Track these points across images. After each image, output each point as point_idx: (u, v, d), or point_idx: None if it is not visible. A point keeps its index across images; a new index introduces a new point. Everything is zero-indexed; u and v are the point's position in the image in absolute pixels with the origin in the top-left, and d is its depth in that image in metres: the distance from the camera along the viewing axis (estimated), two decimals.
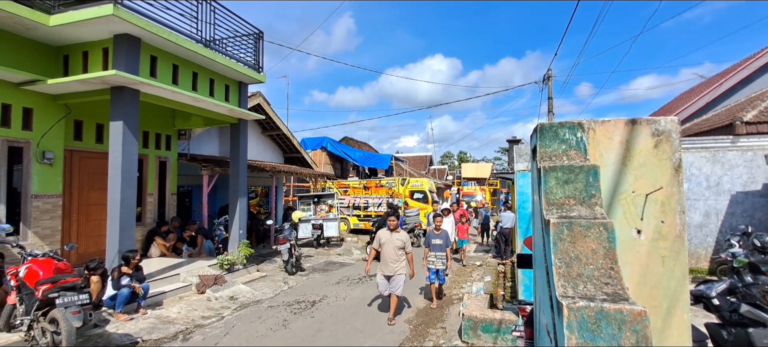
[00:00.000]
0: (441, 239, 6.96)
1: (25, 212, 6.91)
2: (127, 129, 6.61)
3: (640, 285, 1.37)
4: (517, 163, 6.40)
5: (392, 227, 6.16)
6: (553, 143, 1.44)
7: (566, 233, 1.06)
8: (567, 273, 0.99)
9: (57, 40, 6.82)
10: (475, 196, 26.23)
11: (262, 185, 15.69)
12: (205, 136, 11.84)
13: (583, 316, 0.83)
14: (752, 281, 4.17)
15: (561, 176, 1.28)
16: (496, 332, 5.23)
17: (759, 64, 12.11)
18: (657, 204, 1.37)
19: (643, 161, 1.40)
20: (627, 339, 0.79)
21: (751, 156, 8.54)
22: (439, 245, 6.96)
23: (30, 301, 4.84)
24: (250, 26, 9.03)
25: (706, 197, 8.83)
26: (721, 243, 8.49)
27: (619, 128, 1.43)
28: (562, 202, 1.22)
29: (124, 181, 6.59)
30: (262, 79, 9.45)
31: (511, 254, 10.43)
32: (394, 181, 17.76)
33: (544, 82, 15.48)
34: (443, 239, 6.97)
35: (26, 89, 6.73)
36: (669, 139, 1.39)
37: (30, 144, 6.91)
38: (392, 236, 6.10)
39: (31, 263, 5.02)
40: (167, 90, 7.04)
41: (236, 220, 9.40)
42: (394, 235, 6.11)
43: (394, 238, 6.08)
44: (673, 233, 1.35)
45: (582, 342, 0.82)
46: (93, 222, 8.17)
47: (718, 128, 9.57)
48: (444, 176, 41.08)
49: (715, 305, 4.05)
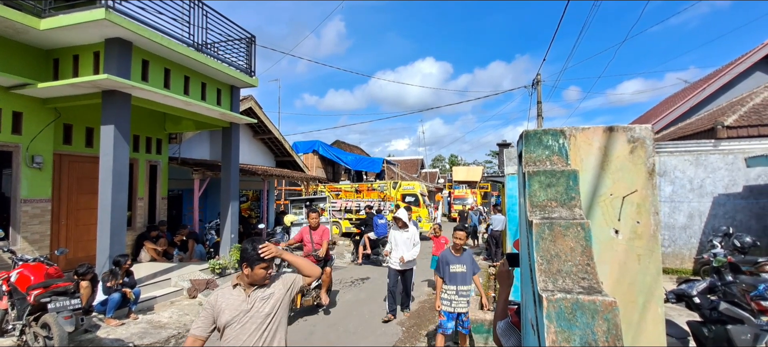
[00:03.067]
0: (464, 265, 4.68)
1: (14, 217, 6.84)
2: (118, 133, 6.59)
3: (618, 281, 1.46)
4: (507, 166, 6.53)
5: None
6: (538, 148, 1.54)
7: (547, 232, 1.15)
8: (548, 269, 1.08)
9: (47, 44, 6.79)
10: (466, 199, 26.45)
11: (254, 188, 15.65)
12: (197, 140, 11.80)
13: (561, 307, 0.92)
14: (732, 279, 4.34)
15: (544, 179, 1.37)
16: (486, 332, 5.33)
17: (739, 70, 12.48)
18: (633, 206, 1.47)
19: (620, 166, 1.50)
20: (599, 326, 0.87)
21: (732, 159, 8.80)
22: (461, 274, 4.64)
23: (22, 306, 4.81)
24: (242, 30, 9.07)
25: (689, 200, 9.07)
26: (704, 244, 8.73)
27: (598, 135, 1.53)
28: (544, 204, 1.32)
29: (114, 185, 6.56)
30: (254, 83, 9.48)
31: (501, 256, 10.57)
32: (386, 184, 17.84)
33: (533, 86, 15.74)
34: (467, 265, 4.69)
35: (15, 93, 6.68)
36: (644, 145, 1.49)
37: (19, 148, 6.85)
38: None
39: (23, 268, 5.00)
40: (159, 94, 7.04)
41: (228, 224, 9.38)
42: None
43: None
44: (648, 233, 1.45)
45: (560, 331, 0.91)
46: (83, 227, 8.10)
47: (701, 132, 9.85)
48: (435, 179, 41.31)
49: (696, 303, 4.20)
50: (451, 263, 4.69)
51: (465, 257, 4.73)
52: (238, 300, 2.39)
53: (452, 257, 4.71)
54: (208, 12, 7.96)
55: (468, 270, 4.69)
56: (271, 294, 2.47)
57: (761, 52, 12.11)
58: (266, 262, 2.38)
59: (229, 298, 2.41)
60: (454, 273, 4.65)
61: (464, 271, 4.65)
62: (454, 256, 4.71)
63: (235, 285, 2.44)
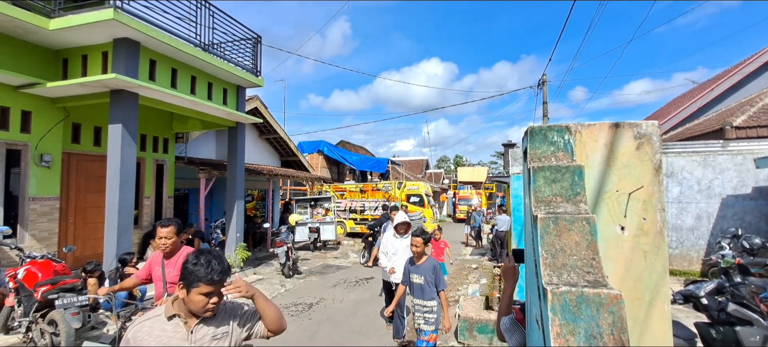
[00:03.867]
0: (422, 276, 4.06)
1: (23, 214, 6.93)
2: (125, 132, 6.66)
3: (624, 278, 1.46)
4: (512, 166, 6.50)
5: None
6: (543, 145, 1.53)
7: (552, 227, 1.14)
8: (552, 263, 1.07)
9: (56, 44, 6.87)
10: (471, 200, 26.39)
11: (259, 188, 15.72)
12: (203, 139, 11.88)
13: (566, 300, 0.92)
14: (740, 281, 4.28)
15: (549, 175, 1.36)
16: (491, 333, 5.31)
17: (749, 70, 12.33)
18: (639, 202, 1.46)
19: (626, 162, 1.49)
20: (604, 319, 0.87)
21: (740, 160, 8.70)
22: (418, 286, 4.08)
23: (29, 303, 4.86)
24: (248, 31, 9.12)
25: (697, 201, 8.97)
26: (712, 246, 8.63)
27: (603, 131, 1.52)
28: (549, 199, 1.31)
29: (122, 184, 6.63)
30: (259, 83, 9.52)
31: (506, 256, 10.53)
32: (391, 185, 17.84)
33: (539, 86, 15.66)
34: (427, 276, 4.05)
35: (25, 92, 6.77)
36: (650, 141, 1.48)
37: (28, 147, 6.94)
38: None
39: (30, 265, 5.05)
40: (166, 94, 7.10)
41: (233, 223, 9.43)
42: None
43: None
44: (654, 230, 1.44)
45: (565, 323, 0.91)
46: (90, 225, 8.19)
47: (709, 133, 9.74)
48: (440, 179, 41.24)
49: (703, 304, 4.16)
50: (411, 272, 4.17)
51: (424, 267, 4.09)
52: (173, 338, 1.63)
53: (411, 265, 4.18)
54: (214, 12, 8.02)
55: (426, 282, 4.02)
56: (226, 333, 1.71)
57: None
58: (213, 284, 1.61)
59: (158, 335, 1.63)
60: (413, 283, 4.14)
61: (421, 283, 4.03)
62: (414, 266, 4.14)
63: (171, 316, 1.67)
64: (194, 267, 1.61)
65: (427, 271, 4.07)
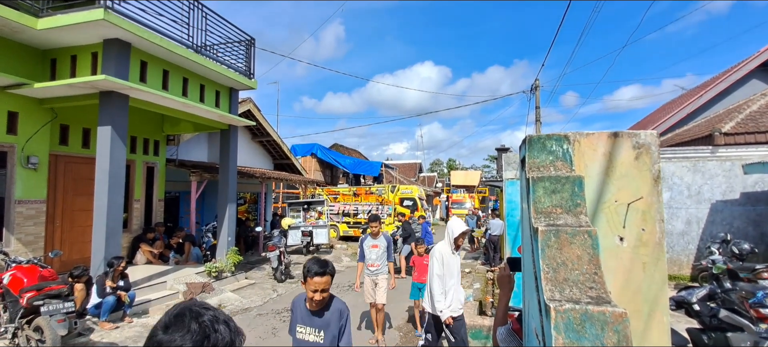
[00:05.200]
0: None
1: (8, 218, 6.77)
2: (115, 134, 6.55)
3: (623, 290, 1.44)
4: (505, 171, 6.51)
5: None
6: (541, 154, 1.52)
7: (553, 240, 1.12)
8: (554, 278, 1.05)
9: (44, 44, 6.75)
10: (464, 203, 26.44)
11: (251, 191, 15.58)
12: (195, 141, 11.75)
13: (569, 318, 0.89)
14: (731, 287, 4.32)
15: (548, 185, 1.35)
16: (485, 338, 5.29)
17: (736, 77, 12.54)
18: (638, 213, 1.45)
19: (625, 172, 1.48)
20: (609, 338, 0.85)
21: (729, 166, 8.82)
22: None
23: (14, 309, 4.75)
24: (241, 33, 9.05)
25: (687, 206, 9.08)
26: (702, 250, 8.73)
27: (602, 141, 1.51)
28: (549, 210, 1.29)
29: (111, 187, 6.51)
30: (253, 85, 9.45)
31: (499, 261, 10.54)
32: (384, 188, 17.81)
33: (531, 91, 15.78)
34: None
35: (11, 93, 6.63)
36: (649, 151, 1.47)
37: (14, 149, 6.79)
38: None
39: (16, 270, 4.93)
40: (157, 95, 7.00)
41: (225, 227, 9.32)
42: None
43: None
44: (653, 241, 1.43)
45: (568, 342, 0.88)
46: (78, 228, 8.03)
47: (699, 139, 9.88)
48: (433, 183, 41.30)
49: (695, 310, 4.19)
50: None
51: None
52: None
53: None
54: (207, 14, 7.94)
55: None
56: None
57: (758, 59, 12.18)
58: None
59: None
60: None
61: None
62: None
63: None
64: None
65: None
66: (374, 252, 5.46)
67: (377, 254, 5.46)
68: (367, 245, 5.54)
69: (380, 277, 5.45)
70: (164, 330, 0.83)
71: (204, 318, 0.86)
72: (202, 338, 0.83)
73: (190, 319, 0.85)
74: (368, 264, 5.49)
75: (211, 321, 0.86)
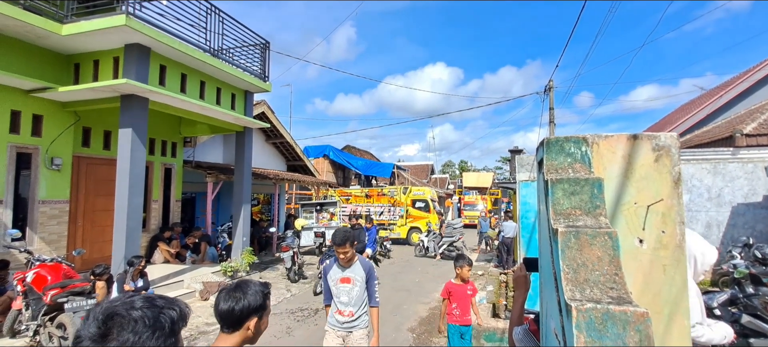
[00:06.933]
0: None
1: (32, 217, 6.99)
2: (135, 136, 6.72)
3: (643, 292, 1.44)
4: (519, 173, 6.47)
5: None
6: (559, 156, 1.52)
7: (573, 241, 1.13)
8: (575, 279, 1.06)
9: (68, 49, 6.96)
10: (476, 205, 26.28)
11: (265, 192, 15.77)
12: (210, 143, 11.96)
13: (591, 317, 0.90)
14: (753, 292, 4.22)
15: (567, 187, 1.35)
16: (499, 340, 5.27)
17: (758, 77, 12.21)
18: (658, 215, 1.44)
19: (645, 175, 1.47)
20: (631, 338, 0.86)
21: (751, 168, 8.60)
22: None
23: (37, 306, 4.90)
24: (256, 36, 9.19)
25: (707, 209, 8.87)
26: (722, 255, 8.51)
27: (621, 143, 1.51)
28: (568, 212, 1.30)
29: (131, 188, 6.68)
30: (267, 88, 9.58)
31: (513, 263, 10.45)
32: (396, 190, 17.83)
33: (545, 92, 15.61)
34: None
35: (36, 96, 6.85)
36: (669, 153, 1.47)
37: (38, 150, 7.01)
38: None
39: (40, 268, 5.09)
40: (176, 98, 7.16)
41: (240, 227, 9.46)
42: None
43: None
44: (674, 243, 1.42)
45: (590, 341, 0.89)
46: (98, 228, 8.25)
47: (719, 140, 9.64)
48: (445, 185, 41.14)
49: (716, 316, 4.10)
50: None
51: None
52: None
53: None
54: (224, 18, 8.09)
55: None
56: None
57: None
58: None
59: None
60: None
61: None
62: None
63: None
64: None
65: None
66: (344, 291, 3.28)
67: (350, 297, 3.26)
68: (333, 279, 3.33)
69: (355, 333, 3.28)
70: (103, 339, 0.76)
71: (133, 311, 0.79)
72: (154, 320, 0.78)
73: (123, 314, 0.78)
74: (336, 310, 3.29)
75: (141, 306, 0.81)
